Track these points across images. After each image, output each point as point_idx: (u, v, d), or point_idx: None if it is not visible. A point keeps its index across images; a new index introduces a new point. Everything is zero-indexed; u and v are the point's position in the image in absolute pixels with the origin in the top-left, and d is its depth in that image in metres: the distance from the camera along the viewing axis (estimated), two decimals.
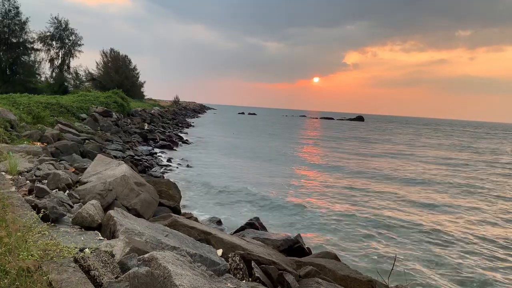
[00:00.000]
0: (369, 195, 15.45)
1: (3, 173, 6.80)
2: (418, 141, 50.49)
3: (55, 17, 46.02)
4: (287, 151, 30.28)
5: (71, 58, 48.73)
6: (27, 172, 7.29)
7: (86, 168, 8.26)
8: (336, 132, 61.08)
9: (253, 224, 9.11)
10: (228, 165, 21.01)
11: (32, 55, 42.89)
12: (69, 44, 47.84)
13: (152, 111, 43.81)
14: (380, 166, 24.29)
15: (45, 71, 47.02)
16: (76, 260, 3.41)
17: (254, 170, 20.01)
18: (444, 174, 22.23)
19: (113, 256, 3.78)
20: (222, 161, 22.11)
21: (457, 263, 8.95)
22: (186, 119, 59.03)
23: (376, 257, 8.96)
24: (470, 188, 18.44)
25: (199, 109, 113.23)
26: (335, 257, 7.11)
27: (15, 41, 39.82)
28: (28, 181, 6.55)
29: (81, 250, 3.77)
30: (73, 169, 8.61)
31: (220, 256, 5.17)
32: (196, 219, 8.35)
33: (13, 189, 5.78)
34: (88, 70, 54.61)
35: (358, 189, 16.43)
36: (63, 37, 46.83)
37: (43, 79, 45.97)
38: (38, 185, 5.97)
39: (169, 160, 19.88)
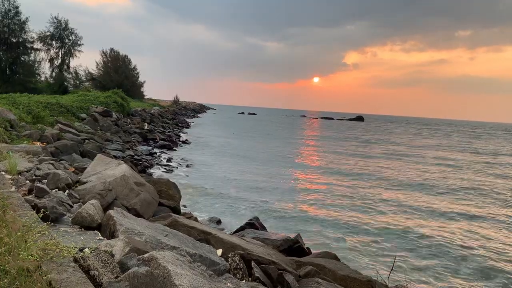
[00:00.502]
0: (368, 195, 15.45)
1: (3, 173, 6.79)
2: (418, 141, 50.50)
3: (55, 17, 46.17)
4: (287, 151, 30.28)
5: (71, 58, 48.92)
6: (26, 172, 7.29)
7: (85, 168, 8.26)
8: (336, 132, 61.07)
9: (253, 224, 9.11)
10: (228, 165, 21.01)
11: (32, 55, 43.02)
12: (69, 44, 47.95)
13: (152, 111, 43.80)
14: (380, 167, 24.30)
15: (45, 71, 47.19)
16: (75, 260, 3.41)
17: (254, 170, 20.01)
18: (444, 175, 22.23)
19: (112, 256, 3.78)
20: (221, 161, 22.11)
21: (457, 263, 8.95)
22: (186, 119, 59.02)
23: (376, 257, 8.97)
24: (470, 189, 18.45)
25: (199, 109, 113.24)
26: (335, 257, 7.11)
27: (14, 40, 39.84)
28: (27, 181, 6.55)
29: (81, 250, 3.76)
30: (73, 169, 8.60)
31: (220, 256, 5.17)
32: (196, 219, 8.34)
33: (13, 189, 5.79)
34: (88, 70, 54.73)
35: (357, 190, 16.44)
36: (63, 37, 46.88)
37: (43, 79, 46.06)
38: (37, 184, 5.96)
39: (169, 160, 19.88)
